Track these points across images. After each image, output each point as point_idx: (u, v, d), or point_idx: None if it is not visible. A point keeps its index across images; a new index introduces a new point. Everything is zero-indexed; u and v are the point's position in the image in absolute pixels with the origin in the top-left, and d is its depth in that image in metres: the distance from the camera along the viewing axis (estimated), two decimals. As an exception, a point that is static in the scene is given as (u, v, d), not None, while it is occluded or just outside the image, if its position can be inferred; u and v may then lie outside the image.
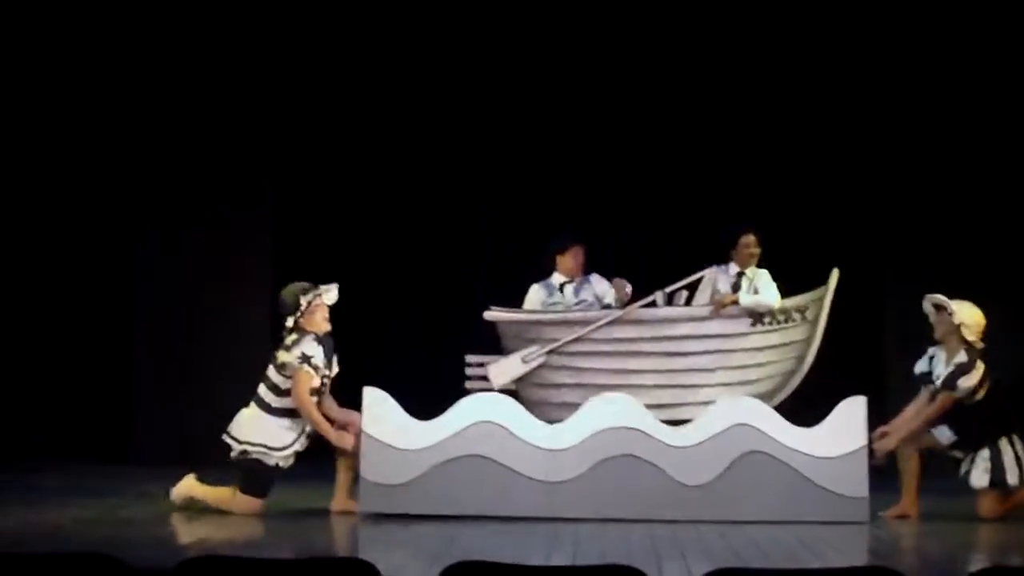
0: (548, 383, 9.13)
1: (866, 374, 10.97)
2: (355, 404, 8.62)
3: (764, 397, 8.89)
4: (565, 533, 7.79)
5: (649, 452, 8.40)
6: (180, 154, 11.70)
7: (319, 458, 8.82)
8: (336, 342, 8.78)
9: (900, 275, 11.74)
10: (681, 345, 9.23)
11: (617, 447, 8.41)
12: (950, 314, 8.77)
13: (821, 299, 9.28)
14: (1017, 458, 8.66)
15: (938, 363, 8.81)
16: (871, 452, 8.54)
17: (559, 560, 6.89)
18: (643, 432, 8.43)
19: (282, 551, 7.27)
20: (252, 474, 8.52)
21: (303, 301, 8.65)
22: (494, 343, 9.28)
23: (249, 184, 11.76)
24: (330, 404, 8.76)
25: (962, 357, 8.69)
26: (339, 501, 8.67)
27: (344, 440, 8.53)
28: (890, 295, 11.79)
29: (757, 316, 9.21)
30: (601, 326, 9.23)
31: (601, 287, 9.75)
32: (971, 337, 8.75)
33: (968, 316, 8.79)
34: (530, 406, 8.91)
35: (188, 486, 8.70)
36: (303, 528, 8.18)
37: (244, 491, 8.52)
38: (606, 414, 8.48)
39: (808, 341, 9.29)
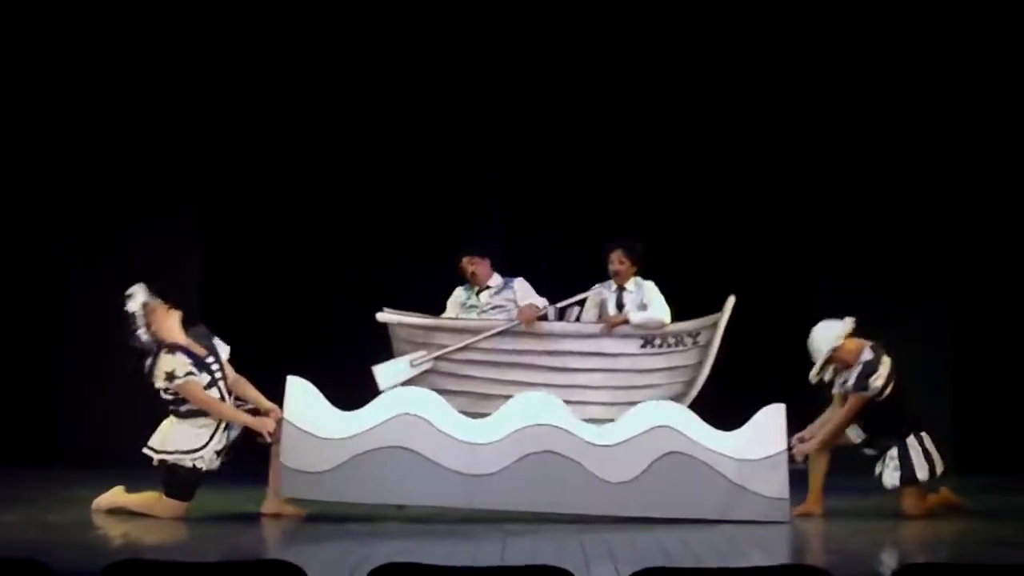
0: (434, 388, 9.13)
1: (788, 376, 11.04)
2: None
3: None
4: (493, 534, 7.80)
5: (571, 449, 8.38)
6: (105, 154, 11.63)
7: (248, 461, 8.77)
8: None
9: (830, 279, 11.83)
10: (568, 361, 9.31)
11: (539, 443, 8.39)
12: (835, 349, 8.74)
13: (715, 325, 9.36)
14: (926, 453, 8.74)
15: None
16: (791, 456, 8.62)
17: (486, 561, 6.90)
18: (565, 430, 8.42)
19: (210, 554, 7.22)
20: (174, 478, 8.46)
21: (139, 311, 8.47)
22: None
23: (176, 184, 11.69)
24: (245, 388, 8.60)
25: (867, 355, 8.75)
26: (270, 503, 8.63)
27: (263, 424, 8.41)
28: (818, 298, 11.88)
29: (648, 337, 9.26)
30: (489, 336, 9.28)
31: (522, 292, 9.74)
32: (851, 344, 8.73)
33: (827, 336, 8.74)
34: None
35: (112, 496, 8.65)
36: (231, 531, 8.14)
37: (168, 495, 8.47)
38: (528, 411, 8.46)
39: (699, 366, 9.36)
